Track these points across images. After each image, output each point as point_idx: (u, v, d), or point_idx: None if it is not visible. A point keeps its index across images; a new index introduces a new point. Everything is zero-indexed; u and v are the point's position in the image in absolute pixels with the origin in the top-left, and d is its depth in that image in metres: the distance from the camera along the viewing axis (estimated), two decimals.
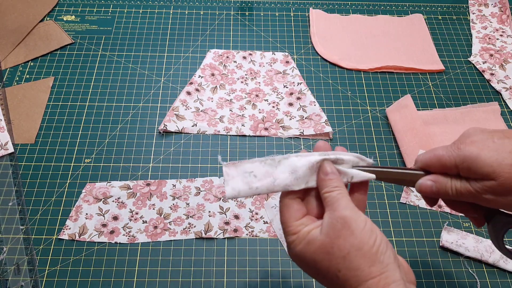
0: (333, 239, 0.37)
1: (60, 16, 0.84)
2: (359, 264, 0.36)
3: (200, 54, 0.80)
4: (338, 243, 0.36)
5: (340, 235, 0.37)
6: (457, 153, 0.41)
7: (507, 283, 0.57)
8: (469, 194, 0.40)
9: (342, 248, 0.36)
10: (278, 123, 0.71)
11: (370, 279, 0.35)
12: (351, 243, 0.36)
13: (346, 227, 0.37)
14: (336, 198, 0.39)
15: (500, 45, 0.82)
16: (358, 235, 0.36)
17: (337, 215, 0.37)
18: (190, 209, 0.62)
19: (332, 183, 0.40)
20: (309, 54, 0.81)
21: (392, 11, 0.88)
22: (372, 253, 0.36)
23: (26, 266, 0.57)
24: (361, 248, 0.36)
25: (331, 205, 0.39)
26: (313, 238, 0.38)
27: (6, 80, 0.75)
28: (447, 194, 0.41)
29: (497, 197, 0.39)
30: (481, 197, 0.40)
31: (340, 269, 0.36)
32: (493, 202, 0.40)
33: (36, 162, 0.66)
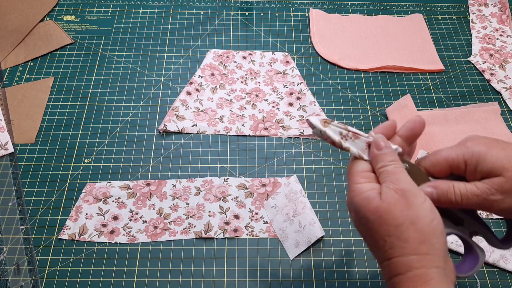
0: (390, 205, 0.37)
1: (60, 16, 0.84)
2: (409, 237, 0.36)
3: (200, 54, 0.80)
4: (394, 212, 0.37)
5: (397, 205, 0.37)
6: (465, 150, 0.40)
7: (507, 283, 0.57)
8: (474, 196, 0.39)
9: (397, 218, 0.36)
10: (278, 123, 0.71)
11: (415, 255, 0.35)
12: (407, 215, 0.36)
13: (405, 199, 0.37)
14: (393, 172, 0.39)
15: (500, 45, 0.82)
16: (415, 209, 0.36)
17: (396, 187, 0.38)
18: (190, 209, 0.62)
19: (387, 157, 0.40)
20: (309, 54, 0.81)
21: (392, 11, 0.88)
22: (425, 231, 0.36)
23: (26, 266, 0.57)
24: (416, 222, 0.36)
25: (388, 178, 0.38)
26: (371, 197, 0.38)
27: (6, 80, 0.75)
28: (450, 200, 0.40)
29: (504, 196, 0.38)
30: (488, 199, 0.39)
31: (390, 235, 0.36)
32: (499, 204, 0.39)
33: (36, 162, 0.66)
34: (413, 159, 0.65)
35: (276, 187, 0.64)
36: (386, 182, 0.38)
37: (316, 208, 0.63)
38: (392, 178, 0.38)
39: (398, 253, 0.36)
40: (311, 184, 0.65)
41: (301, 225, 0.59)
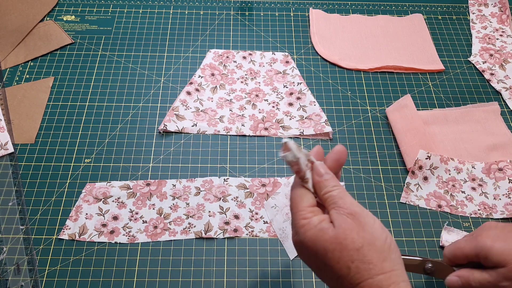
0: (345, 231, 0.37)
1: (60, 16, 0.84)
2: (372, 258, 0.36)
3: (200, 54, 0.80)
4: (351, 236, 0.37)
5: (352, 229, 0.37)
6: (475, 244, 0.47)
7: None
8: (488, 283, 0.46)
9: (356, 241, 0.37)
10: (278, 123, 0.71)
11: (382, 274, 0.36)
12: (364, 237, 0.37)
13: (357, 222, 0.38)
14: (339, 196, 0.39)
15: (500, 45, 0.82)
16: (369, 230, 0.37)
17: (346, 211, 0.38)
18: (190, 209, 0.62)
19: (329, 182, 0.40)
20: (309, 54, 0.81)
21: (392, 11, 0.88)
22: (384, 249, 0.37)
23: (26, 266, 0.57)
24: (374, 243, 0.37)
25: (335, 203, 0.39)
26: (326, 227, 0.38)
27: (6, 80, 0.75)
28: (471, 286, 0.47)
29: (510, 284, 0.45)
30: (499, 285, 0.45)
31: (354, 261, 0.37)
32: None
33: (36, 162, 0.66)
34: (413, 159, 0.66)
35: (276, 187, 0.64)
36: (335, 208, 0.39)
37: None
38: (339, 203, 0.39)
39: (366, 276, 0.36)
40: None
41: None
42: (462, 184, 0.65)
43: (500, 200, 0.64)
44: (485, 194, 0.65)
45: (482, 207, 0.63)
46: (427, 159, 0.66)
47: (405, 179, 0.66)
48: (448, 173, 0.66)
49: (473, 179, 0.66)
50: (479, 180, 0.66)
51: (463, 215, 0.63)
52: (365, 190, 0.65)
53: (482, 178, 0.66)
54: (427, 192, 0.65)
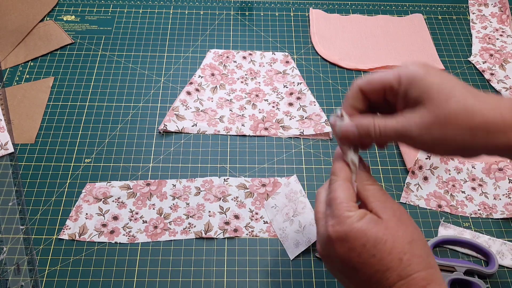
0: (397, 223, 0.37)
1: (60, 16, 0.84)
2: (421, 253, 0.37)
3: (200, 54, 0.80)
4: (402, 229, 0.37)
5: (401, 223, 0.38)
6: (403, 69, 0.38)
7: (504, 278, 0.57)
8: (393, 132, 0.37)
9: (407, 234, 0.37)
10: (278, 123, 0.71)
11: (430, 268, 0.37)
12: (413, 231, 0.38)
13: (405, 217, 0.39)
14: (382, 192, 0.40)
15: (500, 45, 0.82)
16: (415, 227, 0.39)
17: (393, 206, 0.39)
18: (190, 209, 0.62)
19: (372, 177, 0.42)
20: (309, 54, 0.81)
21: (392, 11, 0.88)
22: (427, 247, 0.38)
23: (26, 266, 0.57)
24: (421, 238, 0.38)
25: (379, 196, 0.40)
26: (374, 219, 0.38)
27: (6, 80, 0.75)
28: (370, 135, 0.39)
29: (422, 132, 0.36)
30: (406, 135, 0.37)
31: (406, 252, 0.37)
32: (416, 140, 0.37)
33: (36, 162, 0.66)
34: (413, 159, 0.66)
35: (276, 187, 0.64)
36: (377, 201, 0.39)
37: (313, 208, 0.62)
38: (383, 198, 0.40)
39: (417, 268, 0.36)
40: (311, 184, 0.65)
41: (301, 225, 0.59)
42: (462, 184, 0.65)
43: (500, 200, 0.64)
44: (485, 194, 0.65)
45: (482, 207, 0.63)
46: (427, 159, 0.66)
47: (405, 179, 0.66)
48: (448, 173, 0.66)
49: (473, 179, 0.66)
50: (479, 180, 0.66)
51: (463, 215, 0.63)
52: None
53: (482, 178, 0.66)
54: (427, 192, 0.65)
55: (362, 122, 0.39)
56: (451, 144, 0.36)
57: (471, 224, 0.62)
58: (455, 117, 0.35)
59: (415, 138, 0.37)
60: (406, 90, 0.37)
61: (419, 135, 0.36)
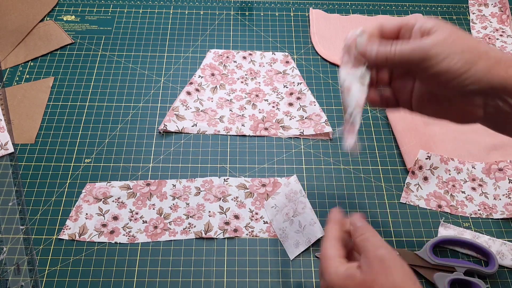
0: (374, 275, 0.39)
1: (60, 16, 0.84)
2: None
3: (200, 54, 0.80)
4: (380, 280, 0.38)
5: (381, 273, 0.38)
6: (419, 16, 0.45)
7: (504, 278, 0.57)
8: (407, 48, 0.41)
9: (384, 285, 0.38)
10: (278, 123, 0.71)
11: None
12: (393, 281, 0.38)
13: (385, 266, 0.39)
14: (367, 239, 0.42)
15: (500, 45, 0.82)
16: (397, 274, 0.38)
17: (373, 255, 0.40)
18: (190, 209, 0.62)
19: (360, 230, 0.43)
20: (309, 54, 0.81)
21: (392, 11, 0.88)
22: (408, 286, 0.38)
23: (26, 266, 0.57)
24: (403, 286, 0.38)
25: (363, 247, 0.41)
26: (352, 274, 0.40)
27: (6, 80, 0.75)
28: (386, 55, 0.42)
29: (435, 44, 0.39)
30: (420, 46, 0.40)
31: None
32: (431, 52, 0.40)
33: (36, 162, 0.66)
34: (413, 159, 0.66)
35: (276, 187, 0.64)
36: (364, 251, 0.41)
37: (316, 208, 0.63)
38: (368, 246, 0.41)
39: None
40: (311, 184, 0.65)
41: (301, 225, 0.60)
42: (462, 184, 0.65)
43: (500, 200, 0.64)
44: (485, 194, 0.65)
45: (482, 207, 0.63)
46: (427, 159, 0.66)
47: (405, 179, 0.66)
48: (448, 173, 0.66)
49: (473, 179, 0.66)
50: (479, 180, 0.66)
51: (463, 215, 0.63)
52: (365, 190, 0.65)
53: (482, 178, 0.66)
54: (427, 192, 0.65)
55: (381, 45, 0.43)
56: (456, 62, 0.39)
57: (471, 224, 0.62)
58: (463, 38, 0.40)
59: (428, 51, 0.39)
60: (422, 23, 0.42)
61: (431, 47, 0.39)
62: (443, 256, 0.59)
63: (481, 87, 0.39)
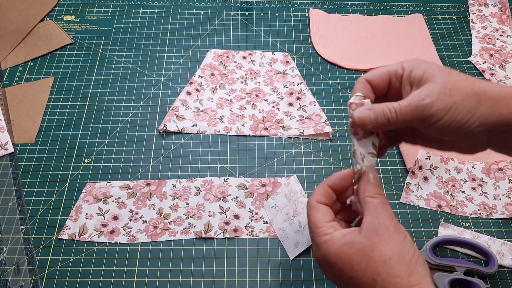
0: (375, 242, 0.37)
1: (60, 16, 0.84)
2: (400, 271, 0.36)
3: (200, 54, 0.80)
4: (380, 248, 0.37)
5: (382, 240, 0.37)
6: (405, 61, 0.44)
7: (504, 278, 0.57)
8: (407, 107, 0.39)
9: (384, 253, 0.37)
10: (278, 123, 0.71)
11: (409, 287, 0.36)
12: (393, 250, 0.37)
13: (389, 234, 0.37)
14: (379, 205, 0.39)
15: (500, 45, 0.82)
16: (400, 243, 0.37)
17: (380, 222, 0.38)
18: (190, 209, 0.62)
19: (375, 188, 0.41)
20: (309, 54, 0.81)
21: (392, 11, 0.88)
22: (412, 263, 0.37)
23: (26, 266, 0.57)
24: (403, 256, 0.37)
25: (373, 210, 0.39)
26: (351, 240, 0.38)
27: (6, 80, 0.75)
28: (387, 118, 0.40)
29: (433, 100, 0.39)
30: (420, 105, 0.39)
31: (380, 273, 0.36)
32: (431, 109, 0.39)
33: (36, 162, 0.66)
34: (413, 159, 0.66)
35: (276, 187, 0.64)
36: (369, 213, 0.39)
37: None
38: (377, 211, 0.39)
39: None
40: (311, 184, 0.65)
41: (301, 225, 0.60)
42: (462, 184, 0.65)
43: (500, 200, 0.64)
44: (485, 194, 0.65)
45: (482, 207, 0.63)
46: (427, 159, 0.66)
47: (405, 179, 0.66)
48: (448, 173, 0.66)
49: (473, 179, 0.66)
50: (479, 180, 0.66)
51: (463, 215, 0.63)
52: None
53: (482, 178, 0.66)
54: (427, 192, 0.65)
55: (375, 107, 0.41)
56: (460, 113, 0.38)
57: (471, 224, 0.62)
58: (459, 85, 0.39)
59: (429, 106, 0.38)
60: (410, 72, 0.42)
61: (430, 103, 0.38)
62: (443, 256, 0.59)
63: (486, 128, 0.39)
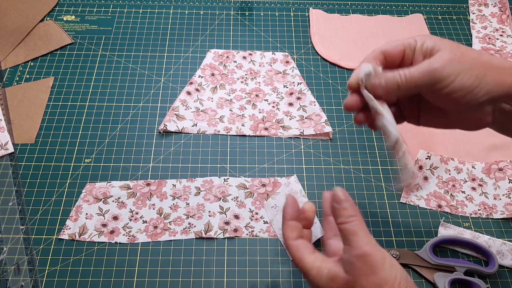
0: (355, 277, 0.38)
1: (60, 16, 0.84)
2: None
3: (200, 54, 0.80)
4: (360, 282, 0.38)
5: (361, 274, 0.38)
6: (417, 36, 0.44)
7: (504, 278, 0.57)
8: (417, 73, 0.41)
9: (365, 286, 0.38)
10: (278, 123, 0.71)
11: None
12: (373, 282, 0.38)
13: (367, 265, 0.38)
14: (352, 232, 0.40)
15: (500, 45, 0.82)
16: (379, 273, 0.38)
17: (356, 253, 0.39)
18: (190, 209, 0.62)
19: (345, 212, 0.41)
20: (309, 54, 0.81)
21: (392, 11, 0.88)
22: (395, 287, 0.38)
23: (26, 266, 0.57)
24: (383, 285, 0.37)
25: (347, 240, 0.40)
26: (335, 275, 0.39)
27: (6, 80, 0.75)
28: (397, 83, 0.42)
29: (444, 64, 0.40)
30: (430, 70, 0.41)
31: None
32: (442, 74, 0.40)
33: (36, 162, 0.66)
34: (413, 159, 0.66)
35: (276, 187, 0.64)
36: (347, 246, 0.40)
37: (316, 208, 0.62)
38: (351, 240, 0.39)
39: None
40: (311, 184, 0.65)
41: None
42: (462, 184, 0.65)
43: (500, 200, 0.64)
44: (485, 194, 0.65)
45: (482, 207, 0.63)
46: (427, 159, 0.66)
47: None
48: (448, 173, 0.66)
49: (473, 179, 0.66)
50: (479, 180, 0.66)
51: (463, 215, 0.63)
52: (365, 190, 0.65)
53: (482, 178, 0.66)
54: (427, 192, 0.65)
55: (387, 73, 0.43)
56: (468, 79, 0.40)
57: (471, 224, 0.62)
58: (468, 54, 0.41)
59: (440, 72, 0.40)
60: (423, 43, 0.43)
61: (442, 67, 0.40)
62: (443, 256, 0.59)
63: (492, 97, 0.41)
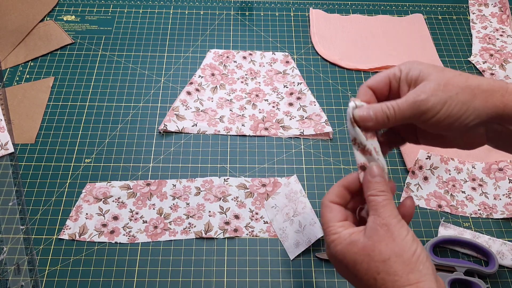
0: (375, 242, 0.38)
1: (60, 16, 0.84)
2: (398, 270, 0.37)
3: (200, 54, 0.80)
4: (379, 247, 0.38)
5: (382, 240, 0.38)
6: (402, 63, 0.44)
7: (504, 278, 0.57)
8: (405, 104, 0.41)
9: (383, 253, 0.38)
10: (278, 123, 0.71)
11: (407, 286, 0.37)
12: (392, 249, 0.38)
13: (389, 234, 0.38)
14: (381, 204, 0.40)
15: (500, 45, 0.82)
16: (399, 242, 0.38)
17: (381, 222, 0.39)
18: (190, 209, 0.62)
19: (378, 186, 0.41)
20: (309, 54, 0.81)
21: (392, 11, 0.88)
22: (411, 261, 0.38)
23: (26, 266, 0.57)
24: (401, 255, 0.38)
25: (375, 210, 0.40)
26: (356, 240, 0.39)
27: (6, 80, 0.75)
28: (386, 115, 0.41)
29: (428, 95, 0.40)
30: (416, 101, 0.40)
31: (380, 272, 0.38)
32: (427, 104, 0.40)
33: (36, 162, 0.66)
34: (413, 159, 0.66)
35: (276, 187, 0.64)
36: (374, 215, 0.40)
37: (316, 208, 0.62)
38: (379, 210, 0.40)
39: (390, 287, 0.37)
40: (311, 184, 0.65)
41: (301, 225, 0.60)
42: (462, 184, 0.65)
43: (500, 200, 0.64)
44: (485, 194, 0.65)
45: (482, 207, 0.63)
46: (427, 159, 0.66)
47: (405, 179, 0.66)
48: (448, 173, 0.66)
49: (473, 179, 0.66)
50: (479, 180, 0.66)
51: (463, 215, 0.63)
52: None
53: (482, 178, 0.66)
54: (427, 192, 0.65)
55: (374, 106, 0.42)
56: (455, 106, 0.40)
57: (471, 224, 0.62)
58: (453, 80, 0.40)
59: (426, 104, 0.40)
60: (407, 73, 0.43)
61: (426, 98, 0.40)
62: (443, 256, 0.59)
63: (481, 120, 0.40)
